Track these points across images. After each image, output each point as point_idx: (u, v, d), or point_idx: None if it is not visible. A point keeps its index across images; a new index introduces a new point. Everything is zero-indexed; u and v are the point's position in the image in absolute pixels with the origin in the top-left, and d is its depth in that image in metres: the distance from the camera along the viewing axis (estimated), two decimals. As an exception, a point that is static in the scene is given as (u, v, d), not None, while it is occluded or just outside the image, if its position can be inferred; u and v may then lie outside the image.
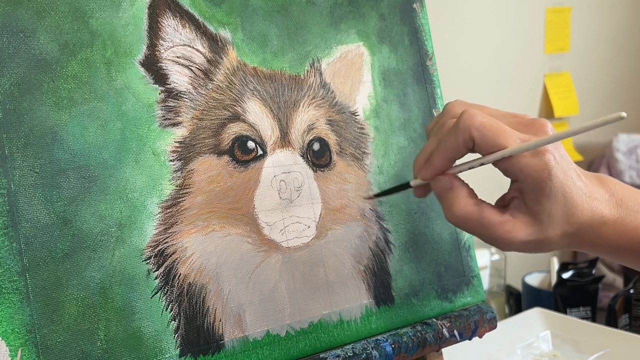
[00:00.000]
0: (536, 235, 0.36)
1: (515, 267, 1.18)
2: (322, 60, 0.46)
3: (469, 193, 0.37)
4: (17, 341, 0.31)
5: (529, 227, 0.36)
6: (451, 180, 0.37)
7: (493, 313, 0.51)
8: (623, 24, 1.39)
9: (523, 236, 0.36)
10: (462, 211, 0.37)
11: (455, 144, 0.36)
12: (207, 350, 0.37)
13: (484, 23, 1.14)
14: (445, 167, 0.37)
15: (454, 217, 0.37)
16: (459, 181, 0.38)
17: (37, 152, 0.33)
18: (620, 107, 1.43)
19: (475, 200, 0.37)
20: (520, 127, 0.36)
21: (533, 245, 0.36)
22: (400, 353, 0.44)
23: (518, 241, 0.36)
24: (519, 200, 0.36)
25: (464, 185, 0.38)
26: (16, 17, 0.34)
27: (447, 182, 0.37)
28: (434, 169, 0.38)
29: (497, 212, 0.36)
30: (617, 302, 0.88)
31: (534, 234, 0.36)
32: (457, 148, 0.36)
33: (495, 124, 0.35)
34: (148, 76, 0.38)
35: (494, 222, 0.36)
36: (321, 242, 0.43)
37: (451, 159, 0.37)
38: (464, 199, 0.37)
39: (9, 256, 0.32)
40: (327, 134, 0.45)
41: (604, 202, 0.36)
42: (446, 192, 0.37)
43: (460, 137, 0.35)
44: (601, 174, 0.38)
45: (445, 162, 0.37)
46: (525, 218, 0.36)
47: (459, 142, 0.36)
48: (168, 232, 0.37)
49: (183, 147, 0.39)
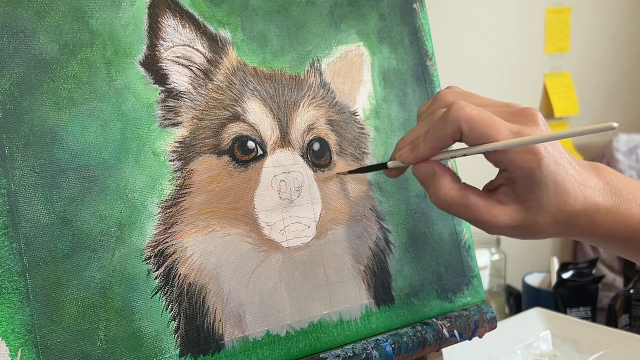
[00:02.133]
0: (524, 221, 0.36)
1: (515, 267, 1.18)
2: (322, 60, 0.46)
3: (452, 178, 0.38)
4: (17, 341, 0.31)
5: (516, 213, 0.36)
6: (433, 166, 0.38)
7: (493, 313, 0.51)
8: (623, 24, 1.39)
9: (509, 220, 0.36)
10: (447, 195, 0.37)
11: (443, 134, 0.36)
12: (207, 350, 0.37)
13: (484, 23, 1.14)
14: (430, 155, 0.38)
15: (439, 201, 0.38)
16: (441, 167, 0.38)
17: (37, 152, 0.33)
18: (620, 107, 1.43)
19: (460, 184, 0.38)
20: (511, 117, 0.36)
21: (520, 230, 0.36)
22: (400, 353, 0.44)
23: (503, 224, 0.36)
24: (507, 188, 0.37)
25: (447, 171, 0.38)
26: (16, 17, 0.34)
27: (429, 168, 0.38)
28: (418, 155, 0.38)
29: (483, 196, 0.37)
30: (617, 302, 0.88)
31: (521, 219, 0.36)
32: (445, 138, 0.36)
33: (485, 116, 0.35)
34: (148, 76, 0.38)
35: (480, 205, 0.36)
36: (321, 242, 0.43)
37: (437, 148, 0.38)
38: (448, 183, 0.37)
39: (9, 256, 0.32)
40: (327, 134, 0.45)
41: (597, 190, 0.36)
42: (430, 178, 0.38)
43: (449, 127, 0.36)
44: (597, 163, 0.38)
45: (430, 151, 0.38)
46: (513, 204, 0.36)
47: (447, 132, 0.36)
48: (168, 232, 0.37)
49: (183, 147, 0.39)
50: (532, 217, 0.36)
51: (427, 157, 0.38)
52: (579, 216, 0.36)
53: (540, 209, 0.35)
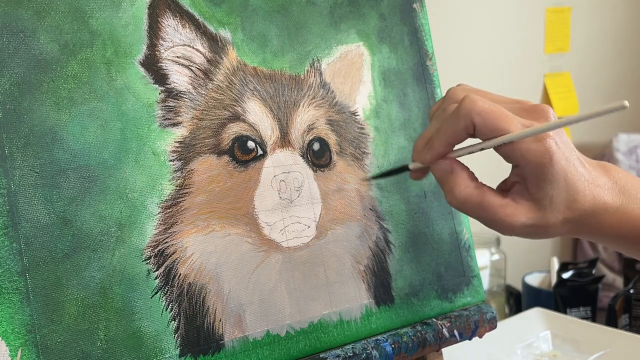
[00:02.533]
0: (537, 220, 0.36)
1: (515, 267, 1.18)
2: (322, 60, 0.46)
3: (469, 176, 0.37)
4: (17, 341, 0.31)
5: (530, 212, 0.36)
6: (451, 163, 0.38)
7: (493, 313, 0.51)
8: (623, 24, 1.39)
9: (524, 220, 0.36)
10: (462, 194, 0.37)
11: (456, 129, 0.36)
12: (207, 350, 0.37)
13: (484, 23, 1.14)
14: (445, 152, 0.38)
15: (454, 200, 0.37)
16: (459, 164, 0.38)
17: (37, 152, 0.33)
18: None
19: (476, 183, 0.37)
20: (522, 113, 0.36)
21: (534, 229, 0.36)
22: (400, 353, 0.44)
23: (519, 224, 0.36)
24: (520, 186, 0.36)
25: (464, 169, 0.38)
26: (16, 17, 0.34)
27: (447, 165, 0.38)
28: (434, 153, 0.38)
29: (498, 195, 0.37)
30: (617, 302, 0.88)
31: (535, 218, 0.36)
32: (458, 133, 0.36)
33: (497, 109, 0.35)
34: (148, 76, 0.38)
35: (495, 204, 0.36)
36: (321, 242, 0.43)
37: (451, 144, 0.37)
38: (464, 181, 0.37)
39: (9, 256, 0.32)
40: (327, 134, 0.45)
41: (606, 190, 0.36)
42: (446, 175, 0.38)
43: (461, 122, 0.35)
44: (605, 162, 0.38)
45: (445, 147, 0.37)
46: (527, 203, 0.36)
47: (460, 127, 0.36)
48: (168, 232, 0.37)
49: (183, 147, 0.39)
50: (545, 216, 0.35)
51: (443, 154, 0.38)
52: (587, 215, 0.36)
53: (552, 207, 0.35)
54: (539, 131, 0.34)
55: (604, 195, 0.36)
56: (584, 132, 1.34)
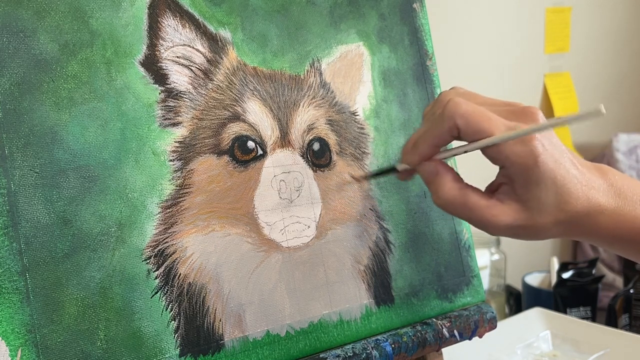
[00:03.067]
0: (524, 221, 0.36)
1: (515, 267, 1.18)
2: (322, 60, 0.46)
3: (454, 177, 0.38)
4: (17, 341, 0.31)
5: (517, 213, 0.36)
6: (436, 165, 0.38)
7: (493, 313, 0.51)
8: (623, 24, 1.39)
9: (510, 220, 0.36)
10: (447, 195, 0.37)
11: (441, 131, 0.37)
12: (207, 350, 0.37)
13: (484, 23, 1.14)
14: (430, 154, 0.38)
15: (440, 201, 0.38)
16: (444, 166, 0.38)
17: (37, 152, 0.33)
18: (620, 107, 1.43)
19: (461, 184, 0.38)
20: (510, 116, 0.36)
21: (522, 230, 0.36)
22: (400, 353, 0.44)
23: (504, 225, 0.36)
24: (507, 187, 0.37)
25: (449, 170, 0.38)
26: (16, 17, 0.34)
27: (432, 167, 0.38)
28: (420, 154, 0.38)
29: (484, 196, 0.37)
30: (617, 302, 0.88)
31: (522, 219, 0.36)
32: (443, 135, 0.37)
33: (480, 112, 0.35)
34: (148, 76, 0.38)
35: (480, 205, 0.36)
36: (321, 242, 0.43)
37: (436, 146, 0.38)
38: (449, 183, 0.38)
39: (9, 256, 0.32)
40: (327, 134, 0.45)
41: (601, 192, 0.36)
42: (432, 177, 0.38)
43: (445, 124, 0.36)
44: (601, 164, 0.38)
45: (430, 149, 0.38)
46: (514, 204, 0.36)
47: (445, 129, 0.36)
48: (168, 232, 0.37)
49: (183, 147, 0.39)
50: (533, 217, 0.36)
51: (428, 156, 0.38)
52: (581, 217, 0.36)
53: (540, 209, 0.35)
54: (521, 133, 0.34)
55: (599, 197, 0.36)
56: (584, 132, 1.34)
